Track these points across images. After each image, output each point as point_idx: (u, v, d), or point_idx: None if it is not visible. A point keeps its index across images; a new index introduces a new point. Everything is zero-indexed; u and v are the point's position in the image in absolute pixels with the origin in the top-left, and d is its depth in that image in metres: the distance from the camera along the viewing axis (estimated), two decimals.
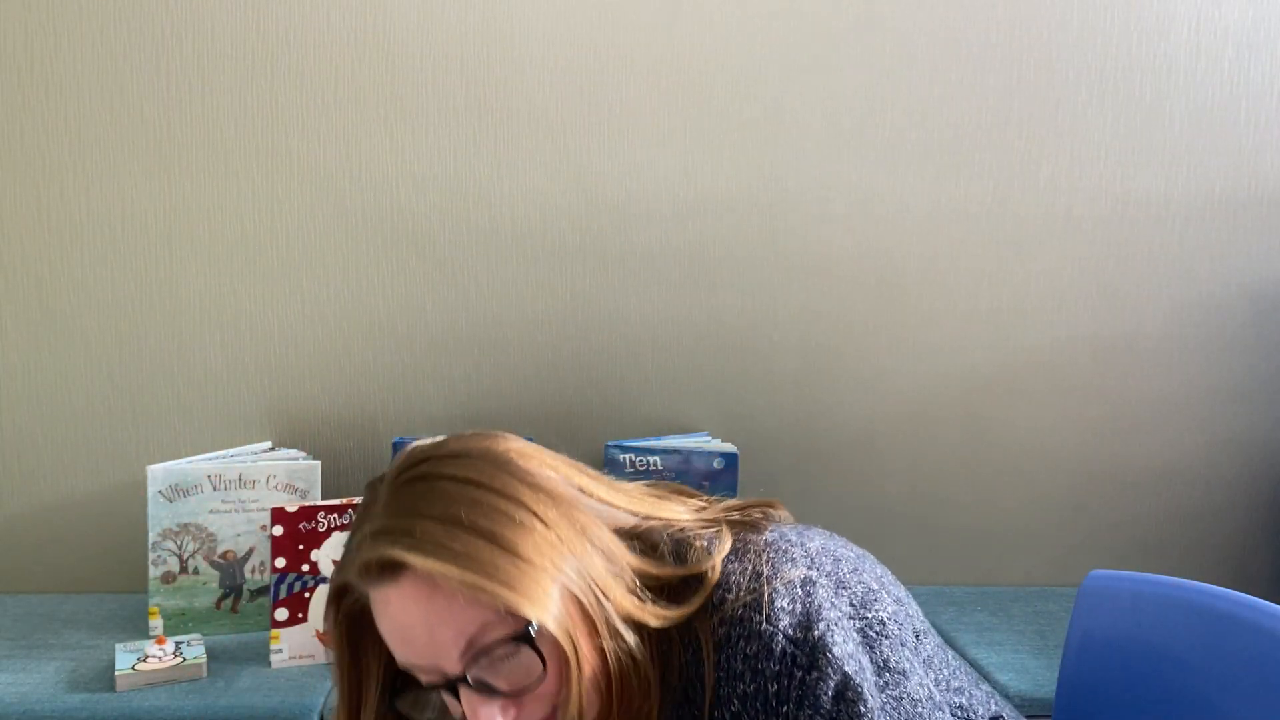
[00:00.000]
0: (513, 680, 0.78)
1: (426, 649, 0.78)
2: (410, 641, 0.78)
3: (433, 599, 0.76)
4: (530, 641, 0.76)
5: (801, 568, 0.83)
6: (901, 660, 0.83)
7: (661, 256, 1.87)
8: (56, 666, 1.53)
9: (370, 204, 1.83)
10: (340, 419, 1.88)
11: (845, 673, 0.78)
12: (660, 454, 1.76)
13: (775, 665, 0.78)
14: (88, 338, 1.83)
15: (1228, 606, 1.21)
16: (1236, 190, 1.91)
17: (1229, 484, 1.97)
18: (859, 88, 1.84)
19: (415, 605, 0.77)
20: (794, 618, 0.79)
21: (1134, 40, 1.87)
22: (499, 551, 0.76)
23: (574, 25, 1.81)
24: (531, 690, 0.78)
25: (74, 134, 1.79)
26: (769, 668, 0.78)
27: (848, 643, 0.80)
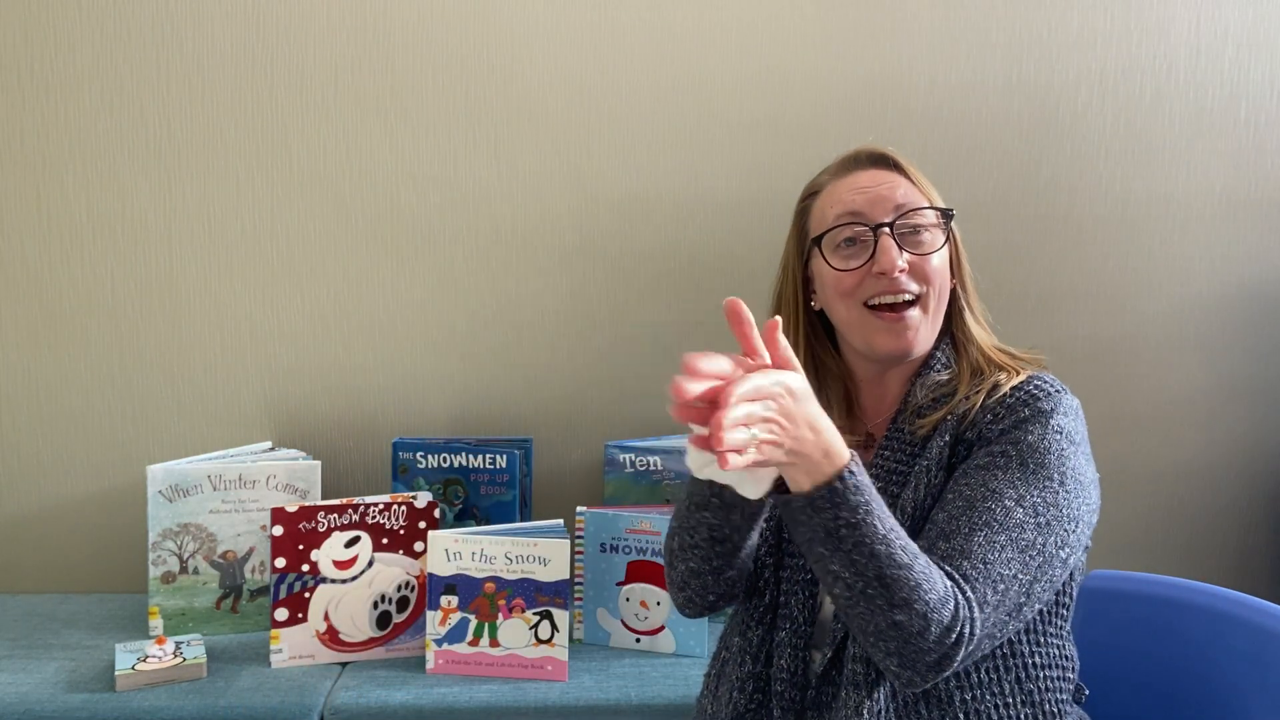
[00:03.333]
0: (917, 246, 1.11)
1: (875, 201, 1.11)
2: (866, 193, 1.11)
3: (894, 176, 1.13)
4: (949, 221, 1.13)
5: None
6: (1093, 480, 1.06)
7: (661, 256, 1.87)
8: (56, 666, 1.53)
9: (370, 204, 1.83)
10: (340, 419, 1.88)
11: (1065, 426, 1.03)
12: (660, 454, 1.76)
13: (1048, 384, 1.07)
14: (88, 338, 1.83)
15: (1228, 606, 1.21)
16: (1236, 190, 1.91)
17: (1229, 484, 1.97)
18: (858, 88, 1.85)
19: (882, 177, 1.13)
20: (1052, 397, 1.06)
21: (1134, 40, 1.87)
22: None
23: (574, 26, 1.81)
24: (926, 253, 1.10)
25: (74, 134, 1.79)
26: (1042, 383, 1.07)
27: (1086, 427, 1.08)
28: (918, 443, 1.09)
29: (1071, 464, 1.02)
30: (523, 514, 1.77)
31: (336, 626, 1.57)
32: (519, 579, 1.51)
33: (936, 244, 1.11)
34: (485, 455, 1.74)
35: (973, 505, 0.98)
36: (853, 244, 1.12)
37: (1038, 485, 0.99)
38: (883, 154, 1.16)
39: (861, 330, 1.12)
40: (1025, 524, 0.97)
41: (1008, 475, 1.00)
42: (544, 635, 1.52)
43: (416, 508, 1.59)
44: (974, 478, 1.01)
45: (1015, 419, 1.04)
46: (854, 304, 1.11)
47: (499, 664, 1.52)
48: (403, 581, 1.60)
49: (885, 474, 1.09)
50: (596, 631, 1.64)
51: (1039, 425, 1.03)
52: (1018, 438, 1.02)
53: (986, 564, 0.95)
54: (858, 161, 1.17)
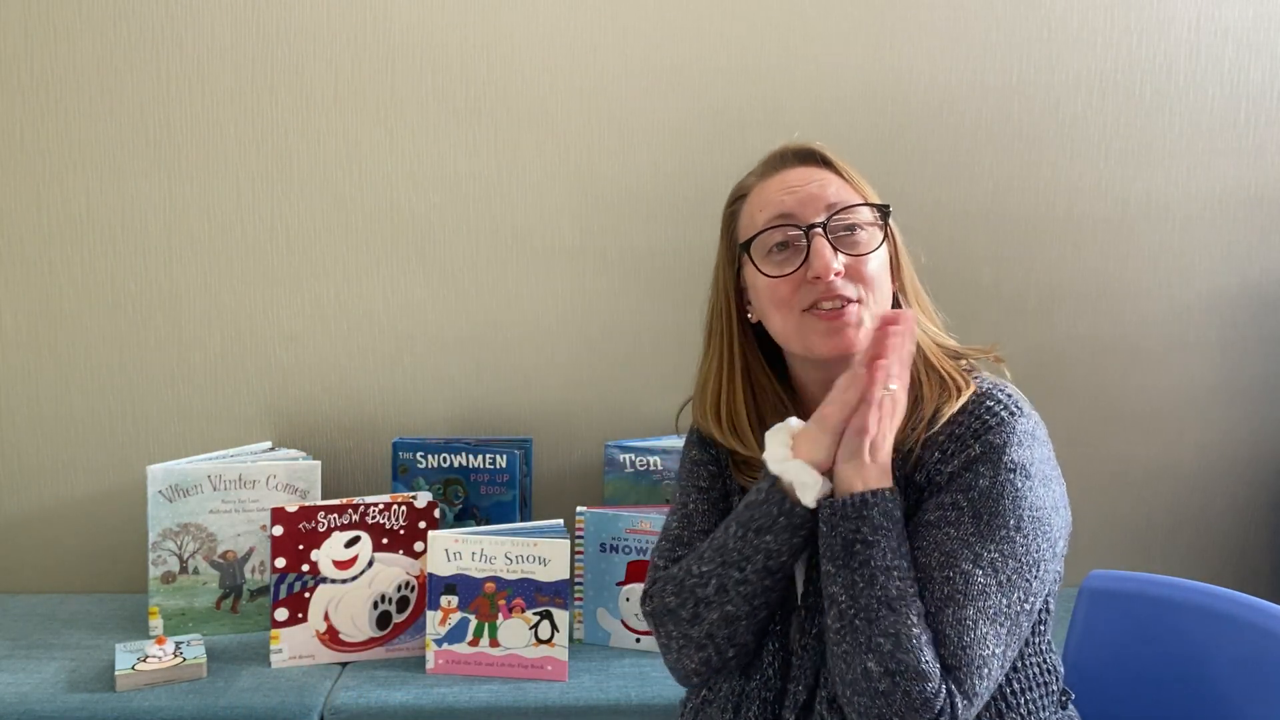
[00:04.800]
0: (853, 246, 1.04)
1: (805, 201, 1.05)
2: (796, 193, 1.05)
3: (824, 173, 1.08)
4: (885, 218, 1.07)
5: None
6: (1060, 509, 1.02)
7: (661, 256, 1.87)
8: (56, 666, 1.53)
9: (370, 204, 1.83)
10: (340, 419, 1.88)
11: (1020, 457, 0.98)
12: (660, 454, 1.76)
13: (999, 405, 1.01)
14: (88, 338, 1.83)
15: (1228, 606, 1.21)
16: (1236, 190, 1.91)
17: (1229, 484, 1.97)
18: (858, 88, 1.85)
19: (811, 174, 1.07)
20: (1026, 408, 1.02)
21: (1134, 40, 1.87)
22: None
23: (574, 26, 1.81)
24: (862, 254, 1.04)
25: (74, 134, 1.79)
26: (993, 404, 1.01)
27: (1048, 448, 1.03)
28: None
29: (1029, 502, 0.97)
30: (523, 514, 1.77)
31: (336, 626, 1.57)
32: (519, 579, 1.51)
33: (874, 243, 1.05)
34: (485, 455, 1.74)
35: (931, 577, 0.95)
36: (785, 248, 1.05)
37: (993, 539, 0.95)
38: (810, 150, 1.10)
39: (799, 335, 1.05)
40: (988, 588, 0.94)
41: (960, 532, 0.95)
42: (544, 635, 1.52)
43: (416, 508, 1.59)
44: (928, 539, 0.97)
45: (965, 458, 0.98)
46: (790, 313, 1.05)
47: (499, 664, 1.52)
48: (403, 581, 1.60)
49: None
50: (596, 631, 1.64)
51: (989, 466, 0.97)
52: (967, 483, 0.97)
53: (965, 649, 0.92)
54: (784, 160, 1.11)
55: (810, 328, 1.04)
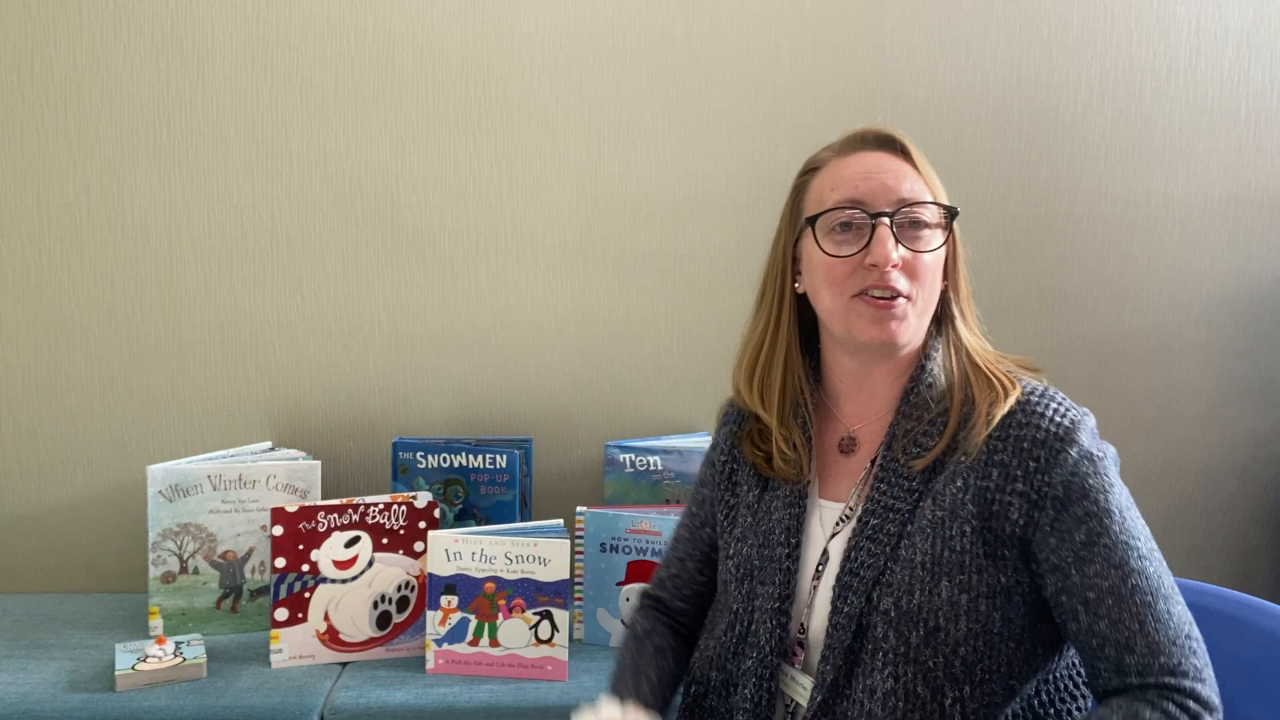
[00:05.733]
0: (914, 242, 1.05)
1: (878, 190, 1.05)
2: (870, 180, 1.06)
3: (901, 163, 1.08)
4: (951, 220, 1.07)
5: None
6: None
7: (662, 256, 1.87)
8: (56, 666, 1.53)
9: (370, 204, 1.83)
10: (340, 419, 1.88)
11: (1092, 450, 1.01)
12: (660, 454, 1.76)
13: (1064, 406, 1.03)
14: (88, 338, 1.83)
15: (1228, 606, 1.21)
16: (1236, 190, 1.91)
17: (1229, 484, 1.97)
18: (858, 88, 1.85)
19: (889, 162, 1.07)
20: (1068, 416, 1.03)
21: (1134, 40, 1.87)
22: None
23: (574, 26, 1.81)
24: (922, 251, 1.05)
25: (74, 134, 1.79)
26: (1059, 406, 1.03)
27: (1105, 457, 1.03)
28: (915, 477, 1.04)
29: (1117, 482, 1.03)
30: (523, 514, 1.77)
31: (336, 626, 1.57)
32: (519, 579, 1.51)
33: (934, 243, 1.06)
34: (485, 455, 1.74)
35: (1122, 597, 0.95)
36: (848, 229, 1.05)
37: (1132, 526, 0.99)
38: (891, 137, 1.10)
39: (844, 318, 1.05)
40: (1161, 573, 0.97)
41: (1112, 537, 0.97)
42: (544, 635, 1.52)
43: (416, 508, 1.59)
44: (1098, 559, 0.97)
45: (1066, 466, 0.99)
46: (840, 294, 1.05)
47: (499, 664, 1.52)
48: (403, 581, 1.60)
49: (884, 510, 1.03)
50: (596, 631, 1.64)
51: (1089, 462, 1.00)
52: (1082, 487, 0.99)
53: (1174, 642, 0.94)
54: (864, 142, 1.10)
55: (857, 312, 1.05)
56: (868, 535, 1.03)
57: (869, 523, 1.03)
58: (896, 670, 0.98)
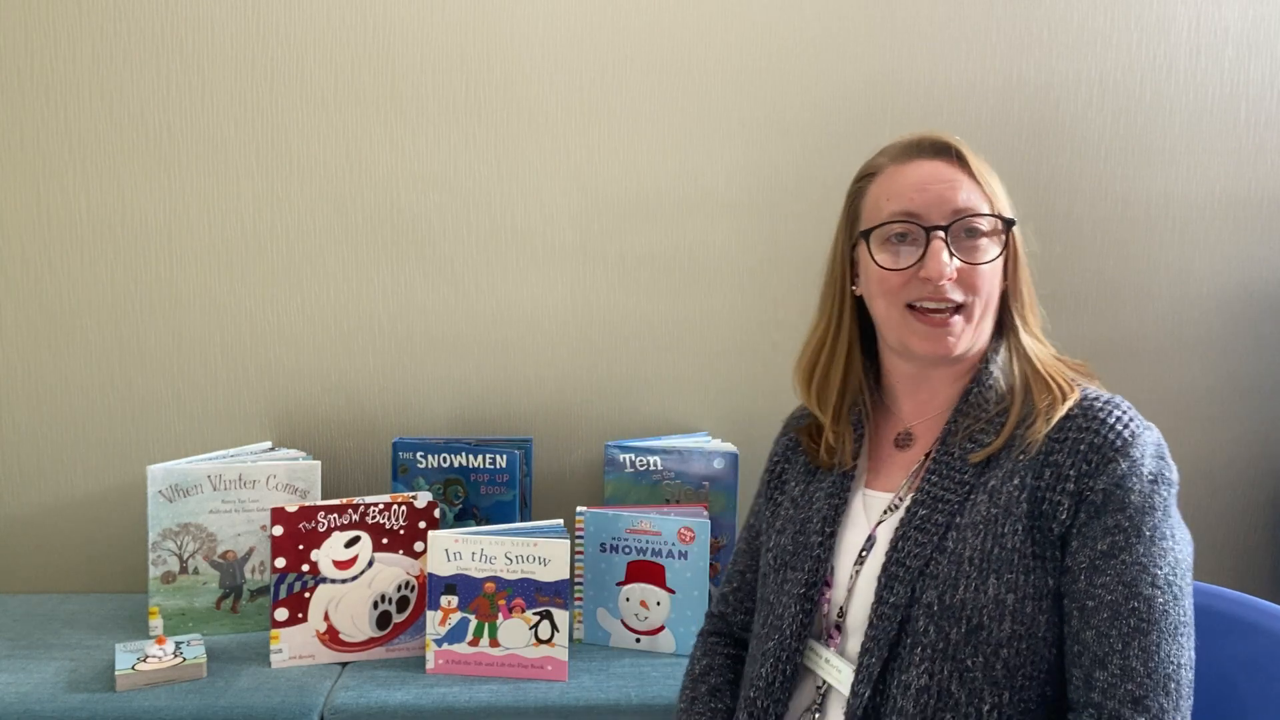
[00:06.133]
0: (970, 253, 1.05)
1: (933, 202, 1.04)
2: (925, 192, 1.05)
3: (958, 172, 1.06)
4: (1009, 229, 1.07)
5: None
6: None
7: (662, 256, 1.87)
8: (56, 666, 1.53)
9: (370, 204, 1.83)
10: (340, 419, 1.88)
11: (1145, 466, 0.99)
12: (660, 454, 1.76)
13: (1128, 415, 1.02)
14: (88, 338, 1.83)
15: (1228, 606, 1.21)
16: (1236, 190, 1.91)
17: (1229, 484, 1.97)
18: (858, 88, 1.84)
19: (944, 172, 1.06)
20: (1129, 427, 1.01)
21: (1134, 40, 1.87)
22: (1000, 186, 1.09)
23: (574, 25, 1.81)
24: (978, 263, 1.04)
25: (74, 134, 1.79)
26: (1123, 414, 1.02)
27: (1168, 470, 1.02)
28: (967, 470, 1.03)
29: (1173, 508, 1.01)
30: (523, 514, 1.77)
31: (336, 626, 1.57)
32: (519, 579, 1.51)
33: (991, 253, 1.05)
34: (485, 455, 1.74)
35: (1118, 615, 0.94)
36: (904, 240, 1.06)
37: (1163, 555, 0.97)
38: (948, 144, 1.09)
39: (899, 330, 1.07)
40: (1168, 606, 0.94)
41: (1134, 556, 0.96)
42: (544, 635, 1.52)
43: (416, 508, 1.59)
44: (1109, 572, 0.95)
45: (1113, 475, 0.98)
46: (895, 303, 1.06)
47: (499, 664, 1.52)
48: (403, 581, 1.60)
49: (933, 501, 1.03)
50: (596, 631, 1.64)
51: (1137, 481, 0.98)
52: (1122, 501, 0.97)
53: (1151, 674, 0.92)
54: (920, 149, 1.10)
55: (910, 327, 1.06)
56: (915, 525, 1.02)
57: (917, 512, 1.03)
58: (932, 667, 0.97)
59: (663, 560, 1.60)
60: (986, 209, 1.05)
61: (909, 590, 0.99)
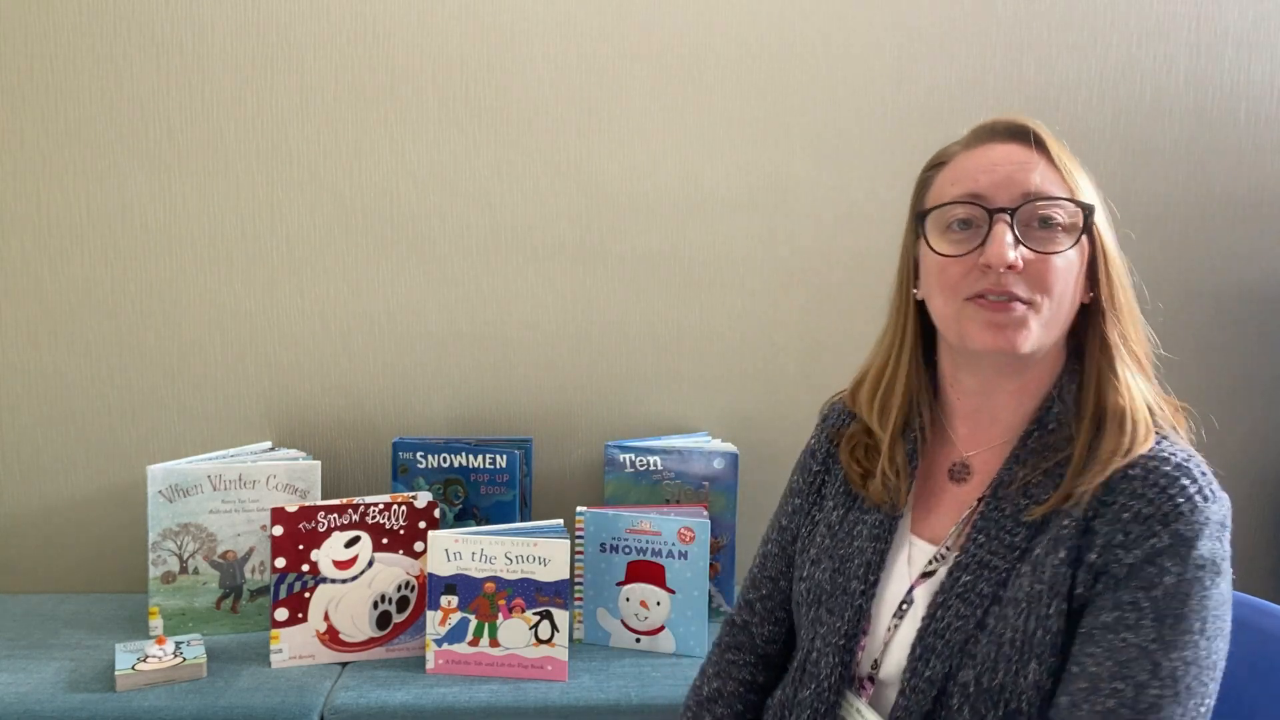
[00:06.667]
0: (1040, 243, 0.93)
1: (1001, 183, 0.94)
2: (992, 173, 0.95)
3: (1033, 155, 0.96)
4: (1087, 221, 0.95)
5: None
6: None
7: (662, 256, 1.87)
8: (56, 666, 1.53)
9: (370, 204, 1.83)
10: (340, 419, 1.88)
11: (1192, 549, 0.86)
12: (660, 454, 1.76)
13: (1191, 482, 0.89)
14: (88, 338, 1.83)
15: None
16: (1236, 190, 1.91)
17: (1229, 484, 1.95)
18: (858, 89, 1.85)
19: (1017, 154, 0.96)
20: (1192, 499, 0.88)
21: (1134, 40, 1.87)
22: (1086, 176, 1.00)
23: (574, 26, 1.81)
24: (1047, 253, 0.93)
25: (74, 134, 1.79)
26: (1187, 482, 0.89)
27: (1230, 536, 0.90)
28: (1019, 531, 0.92)
29: (1214, 600, 0.86)
30: (523, 514, 1.77)
31: (336, 626, 1.57)
32: (519, 579, 1.51)
33: (1064, 244, 0.93)
34: (485, 455, 1.74)
35: (1097, 687, 0.84)
36: (967, 226, 0.95)
37: (1176, 646, 0.84)
38: (1024, 126, 0.98)
39: (957, 322, 0.95)
40: (1163, 700, 0.83)
41: (1139, 638, 0.84)
42: (544, 635, 1.52)
43: (416, 508, 1.59)
44: (1102, 644, 0.86)
45: (1149, 549, 0.86)
46: (954, 298, 0.95)
47: (499, 664, 1.52)
48: (403, 581, 1.60)
49: (979, 566, 0.93)
50: (596, 631, 1.64)
51: (1176, 562, 0.85)
52: (1150, 579, 0.85)
53: None
54: (994, 133, 0.99)
55: (969, 316, 0.94)
56: (958, 593, 0.93)
57: (960, 578, 0.93)
58: None
59: (663, 560, 1.60)
60: (1063, 194, 0.94)
61: (945, 666, 0.92)
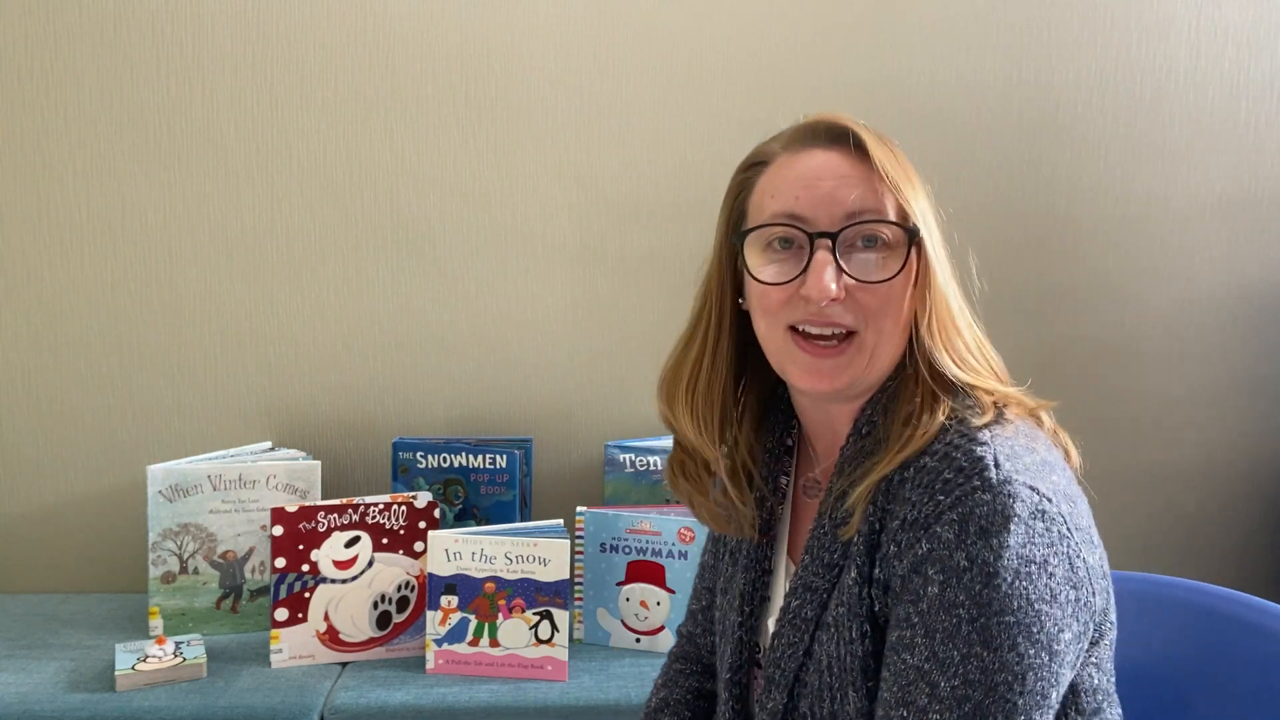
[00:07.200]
0: (864, 268, 0.85)
1: (821, 202, 0.85)
2: (813, 189, 0.86)
3: (856, 167, 0.86)
4: (913, 239, 0.85)
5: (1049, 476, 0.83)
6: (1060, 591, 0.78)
7: (661, 256, 1.87)
8: (56, 666, 1.53)
9: (370, 204, 1.83)
10: (340, 419, 1.88)
11: (978, 551, 0.76)
12: (660, 454, 1.76)
13: (960, 474, 0.78)
14: (88, 338, 1.83)
15: (1228, 606, 1.21)
16: (1236, 190, 1.91)
17: (1229, 484, 1.97)
18: (858, 88, 1.84)
19: (839, 165, 0.87)
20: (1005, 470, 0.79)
21: (1134, 40, 1.87)
22: (915, 180, 0.89)
23: (573, 25, 1.81)
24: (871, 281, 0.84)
25: (74, 134, 1.79)
26: (953, 475, 0.79)
27: (1029, 523, 0.77)
28: (838, 549, 0.86)
29: (998, 605, 0.75)
30: (523, 514, 1.77)
31: (336, 626, 1.58)
32: (519, 579, 1.51)
33: (889, 269, 0.85)
34: (485, 455, 1.74)
35: (888, 717, 0.79)
36: (788, 246, 0.87)
37: (951, 664, 0.76)
38: (846, 130, 0.88)
39: (780, 356, 0.89)
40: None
41: (915, 659, 0.78)
42: (544, 635, 1.52)
43: (416, 508, 1.59)
44: (889, 668, 0.80)
45: (914, 558, 0.78)
46: (776, 324, 0.88)
47: (499, 664, 1.52)
48: (403, 581, 1.60)
49: (804, 590, 0.88)
50: (596, 631, 1.65)
51: (939, 569, 0.77)
52: (916, 590, 0.78)
53: None
54: (814, 136, 0.90)
55: (791, 356, 0.88)
56: (789, 619, 0.89)
57: (790, 604, 0.89)
58: None
59: (663, 560, 1.60)
60: (890, 213, 0.86)
61: (784, 696, 0.88)
